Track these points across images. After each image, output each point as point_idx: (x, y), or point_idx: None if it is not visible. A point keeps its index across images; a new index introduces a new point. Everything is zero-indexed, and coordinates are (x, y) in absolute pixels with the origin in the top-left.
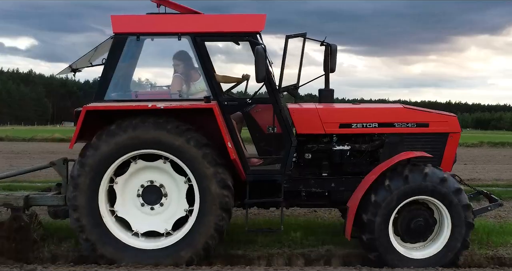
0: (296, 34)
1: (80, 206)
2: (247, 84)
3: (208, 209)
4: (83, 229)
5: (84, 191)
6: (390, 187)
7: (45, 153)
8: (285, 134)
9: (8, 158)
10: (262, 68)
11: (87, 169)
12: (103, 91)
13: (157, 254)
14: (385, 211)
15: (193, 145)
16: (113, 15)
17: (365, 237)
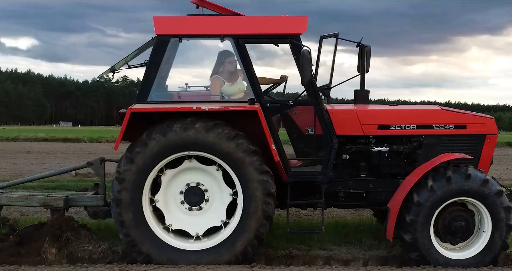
0: (329, 35)
1: (124, 201)
2: (285, 85)
3: (251, 216)
4: (124, 224)
5: (129, 186)
6: (433, 188)
7: (22, 152)
8: (327, 136)
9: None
10: (308, 70)
11: (134, 165)
12: (146, 93)
13: (196, 255)
14: (427, 211)
15: (241, 150)
16: (155, 16)
17: (407, 237)
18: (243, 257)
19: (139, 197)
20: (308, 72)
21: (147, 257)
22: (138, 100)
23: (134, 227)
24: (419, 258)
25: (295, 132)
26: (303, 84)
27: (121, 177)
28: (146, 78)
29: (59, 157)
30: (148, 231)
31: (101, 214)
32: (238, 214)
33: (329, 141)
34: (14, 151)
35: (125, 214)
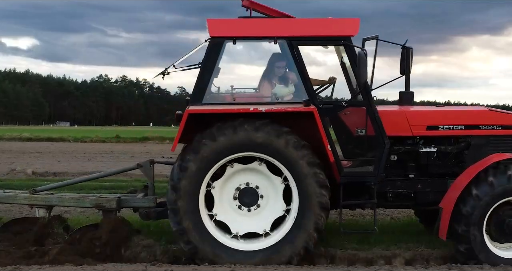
0: (371, 37)
1: (181, 209)
2: (333, 87)
3: (307, 209)
4: (184, 231)
5: (185, 194)
6: (493, 183)
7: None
8: (379, 137)
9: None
10: (364, 72)
11: (188, 173)
12: (201, 95)
13: (257, 254)
14: (484, 205)
15: (292, 146)
16: (209, 18)
17: (459, 228)
18: (304, 251)
19: (196, 204)
20: (364, 74)
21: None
22: (193, 102)
23: (194, 234)
24: (467, 252)
25: (344, 133)
26: (359, 86)
27: (175, 185)
28: (201, 80)
29: (33, 156)
30: (208, 237)
31: (153, 215)
32: (295, 202)
33: (381, 142)
34: (2, 150)
35: (185, 222)
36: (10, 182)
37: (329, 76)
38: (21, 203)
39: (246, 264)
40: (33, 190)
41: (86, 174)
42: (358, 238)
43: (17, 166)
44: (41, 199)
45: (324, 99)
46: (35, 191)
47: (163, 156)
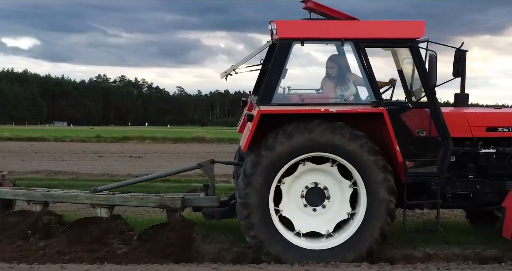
0: (421, 39)
1: (251, 204)
2: (393, 89)
3: (374, 214)
4: (252, 226)
5: (256, 189)
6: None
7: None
8: (443, 137)
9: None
10: (435, 73)
11: (261, 168)
12: (270, 95)
13: (321, 254)
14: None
15: (366, 150)
16: (277, 20)
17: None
18: (367, 255)
19: (266, 200)
20: (434, 75)
21: (273, 258)
22: (261, 102)
23: (261, 230)
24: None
25: (403, 134)
26: (428, 87)
27: (247, 180)
28: (269, 81)
29: (0, 156)
30: (275, 233)
31: (217, 214)
32: (362, 206)
33: (445, 143)
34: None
35: (253, 216)
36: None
37: (389, 78)
38: (83, 202)
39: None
40: (94, 190)
41: (33, 173)
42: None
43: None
44: (103, 199)
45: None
46: (96, 190)
47: (139, 156)
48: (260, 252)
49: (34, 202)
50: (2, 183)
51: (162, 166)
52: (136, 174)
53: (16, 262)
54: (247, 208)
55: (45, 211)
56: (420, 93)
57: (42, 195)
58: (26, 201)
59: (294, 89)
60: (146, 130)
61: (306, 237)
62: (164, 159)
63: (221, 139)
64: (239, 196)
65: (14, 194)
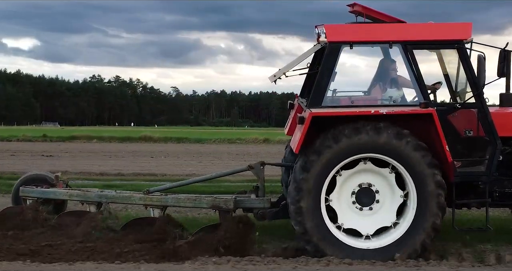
0: (468, 40)
1: (304, 209)
2: (435, 92)
3: (425, 209)
4: (306, 231)
5: (308, 195)
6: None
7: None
8: (491, 138)
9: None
10: (483, 74)
11: (311, 173)
12: (320, 98)
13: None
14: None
15: (411, 147)
16: (327, 24)
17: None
18: (422, 249)
19: (318, 204)
20: (483, 76)
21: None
22: (312, 104)
23: (316, 234)
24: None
25: (451, 133)
26: (477, 88)
27: (298, 186)
28: (319, 84)
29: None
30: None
31: (269, 215)
32: (411, 212)
33: (493, 142)
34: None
35: (307, 221)
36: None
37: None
38: (136, 203)
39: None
40: (147, 191)
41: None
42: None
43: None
44: (156, 200)
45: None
46: (149, 191)
47: (51, 155)
48: (315, 255)
49: (88, 203)
50: (56, 183)
51: (64, 165)
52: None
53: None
54: (300, 214)
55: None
56: (465, 94)
57: (96, 195)
58: (81, 201)
59: (342, 92)
60: (120, 130)
61: (345, 233)
62: (77, 158)
63: (169, 138)
64: (291, 202)
65: (69, 194)
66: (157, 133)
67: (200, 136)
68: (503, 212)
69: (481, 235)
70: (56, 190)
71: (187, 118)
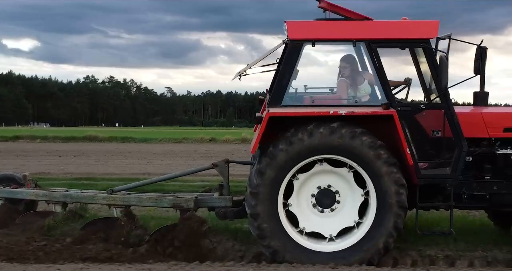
0: (444, 36)
1: (260, 214)
2: (408, 89)
3: (386, 208)
4: (264, 236)
5: (264, 199)
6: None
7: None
8: (457, 139)
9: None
10: (446, 75)
11: (266, 178)
12: (280, 97)
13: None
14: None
15: (367, 146)
16: (288, 21)
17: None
18: (384, 250)
19: (275, 209)
20: (446, 77)
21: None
22: (272, 104)
23: (274, 239)
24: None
25: (419, 135)
26: (439, 89)
27: (254, 191)
28: (280, 82)
29: None
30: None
31: (230, 214)
32: (372, 210)
33: (459, 144)
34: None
35: (265, 226)
36: None
37: (405, 77)
38: (100, 203)
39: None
40: (111, 190)
41: None
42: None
43: None
44: (119, 199)
45: (401, 101)
46: (113, 191)
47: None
48: (275, 260)
49: (53, 202)
50: (24, 183)
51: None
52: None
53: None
54: (258, 219)
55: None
56: (432, 94)
57: (61, 195)
58: (46, 201)
59: (311, 88)
60: (100, 130)
61: (308, 236)
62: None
63: (113, 137)
64: (248, 207)
65: (35, 194)
66: (103, 133)
67: (148, 136)
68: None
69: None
70: (23, 190)
71: (181, 118)
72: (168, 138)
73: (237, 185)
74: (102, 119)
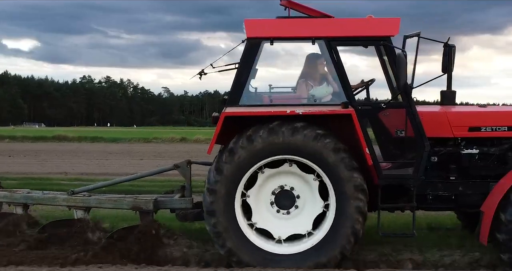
0: (413, 34)
1: (217, 212)
2: (368, 88)
3: (344, 213)
4: (219, 234)
5: (221, 197)
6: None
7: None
8: (419, 139)
9: None
10: (404, 73)
11: (224, 175)
12: (237, 96)
13: (291, 258)
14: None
15: (329, 149)
16: (246, 19)
17: (500, 237)
18: (341, 255)
19: (232, 207)
20: (404, 75)
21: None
22: (230, 103)
23: (230, 237)
24: (510, 261)
25: (383, 134)
26: (399, 87)
27: (211, 188)
28: (237, 81)
29: None
30: (244, 241)
31: (190, 216)
32: (327, 223)
33: (421, 144)
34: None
35: (220, 224)
36: None
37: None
38: (60, 204)
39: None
40: (71, 192)
41: None
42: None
43: None
44: (80, 201)
45: (363, 100)
46: (73, 192)
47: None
48: (230, 260)
49: (14, 204)
50: None
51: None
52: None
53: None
54: (214, 216)
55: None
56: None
57: (22, 197)
58: (7, 203)
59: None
60: (87, 130)
61: (257, 232)
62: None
63: (83, 137)
64: (205, 204)
65: None
66: (72, 133)
67: (118, 135)
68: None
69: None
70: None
71: (178, 118)
72: (138, 138)
73: (202, 185)
74: (99, 120)
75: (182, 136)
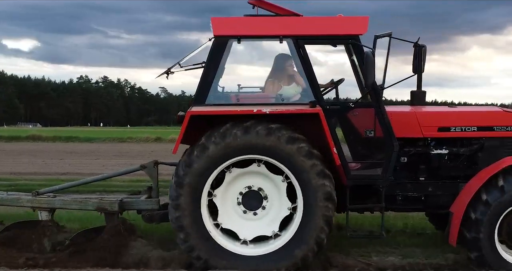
0: (383, 34)
1: (182, 205)
2: (337, 88)
3: (310, 221)
4: (182, 228)
5: (188, 190)
6: (503, 188)
7: None
8: (387, 139)
9: None
10: (372, 72)
11: (193, 169)
12: (204, 95)
13: (271, 258)
14: (495, 211)
15: (303, 154)
16: (213, 17)
17: (469, 235)
18: (302, 263)
19: (199, 202)
20: (372, 74)
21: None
22: (196, 102)
23: (192, 232)
24: (478, 259)
25: (352, 134)
26: (367, 86)
27: (179, 181)
28: (204, 80)
29: None
30: (208, 238)
31: (157, 218)
32: (294, 225)
33: (390, 144)
34: None
35: (184, 218)
36: None
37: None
38: (24, 205)
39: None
40: (36, 192)
41: None
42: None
43: None
44: (44, 202)
45: (332, 100)
46: (38, 193)
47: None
48: (190, 255)
49: None
50: None
51: None
52: None
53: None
54: (178, 210)
55: None
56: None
57: None
58: None
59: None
60: (65, 130)
61: (222, 233)
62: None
63: (58, 137)
64: (171, 197)
65: None
66: (46, 133)
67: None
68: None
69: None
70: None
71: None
72: (113, 137)
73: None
74: (96, 120)
75: (157, 135)
